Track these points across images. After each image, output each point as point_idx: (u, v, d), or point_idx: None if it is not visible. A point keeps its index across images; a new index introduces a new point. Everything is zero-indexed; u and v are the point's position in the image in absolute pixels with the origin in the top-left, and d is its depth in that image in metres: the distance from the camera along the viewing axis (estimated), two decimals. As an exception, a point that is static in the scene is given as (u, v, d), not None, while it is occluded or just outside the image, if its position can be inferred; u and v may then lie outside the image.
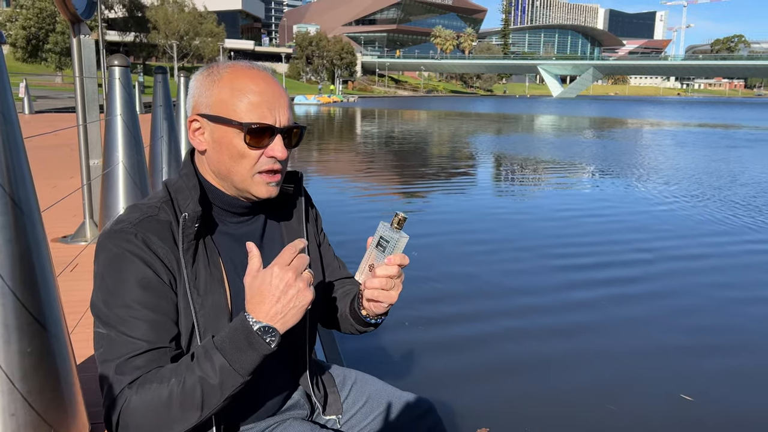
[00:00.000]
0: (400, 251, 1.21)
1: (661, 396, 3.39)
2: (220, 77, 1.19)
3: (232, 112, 1.16)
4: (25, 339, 1.55)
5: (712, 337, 4.27)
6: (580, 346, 4.05)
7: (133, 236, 1.11)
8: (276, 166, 1.20)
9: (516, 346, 4.04)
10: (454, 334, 4.19)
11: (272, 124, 1.17)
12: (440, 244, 6.57)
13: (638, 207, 8.99)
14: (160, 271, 1.12)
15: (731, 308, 4.79)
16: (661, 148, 19.27)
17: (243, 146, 1.16)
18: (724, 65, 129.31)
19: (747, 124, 35.68)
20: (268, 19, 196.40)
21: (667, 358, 3.89)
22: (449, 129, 28.34)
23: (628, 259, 6.11)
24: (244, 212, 1.27)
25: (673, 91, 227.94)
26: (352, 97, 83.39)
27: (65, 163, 8.76)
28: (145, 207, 1.18)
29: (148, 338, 1.08)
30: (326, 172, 12.62)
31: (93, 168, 4.49)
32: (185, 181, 1.21)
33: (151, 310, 1.10)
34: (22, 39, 47.48)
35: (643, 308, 4.74)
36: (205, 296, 1.15)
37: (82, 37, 4.04)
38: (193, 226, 1.15)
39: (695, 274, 5.68)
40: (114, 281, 1.10)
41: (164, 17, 69.19)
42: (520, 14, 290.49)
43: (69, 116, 20.24)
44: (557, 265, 5.85)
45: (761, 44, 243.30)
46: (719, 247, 6.70)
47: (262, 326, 1.04)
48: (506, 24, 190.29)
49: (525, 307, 4.75)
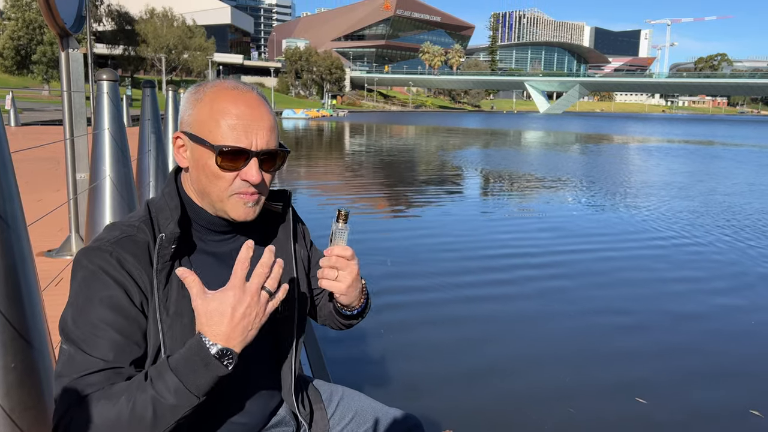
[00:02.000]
0: (343, 242, 1.29)
1: (617, 399, 3.51)
2: (203, 96, 1.19)
3: (208, 132, 1.16)
4: (9, 354, 1.52)
5: (661, 342, 4.45)
6: (538, 352, 4.21)
7: (108, 254, 1.12)
8: (250, 189, 1.18)
9: (477, 352, 4.20)
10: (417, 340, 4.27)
11: (246, 148, 1.15)
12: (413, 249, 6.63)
13: (604, 224, 9.08)
14: (131, 292, 1.12)
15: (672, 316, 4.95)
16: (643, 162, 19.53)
17: (216, 168, 1.16)
18: (708, 83, 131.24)
19: (730, 141, 36.28)
20: (257, 33, 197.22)
21: (620, 363, 4.05)
22: (437, 143, 28.49)
23: (582, 269, 6.28)
24: (226, 230, 1.26)
25: (658, 108, 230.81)
26: (341, 112, 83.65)
27: (51, 176, 8.70)
28: (124, 226, 1.18)
29: (106, 357, 1.07)
30: (317, 187, 12.62)
31: (80, 182, 4.46)
32: (167, 201, 1.21)
33: (117, 331, 1.09)
34: (10, 49, 47.28)
35: (591, 317, 4.92)
36: (174, 318, 1.15)
37: (70, 50, 4.04)
38: (169, 247, 1.15)
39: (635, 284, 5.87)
40: (84, 299, 1.10)
41: (153, 31, 69.19)
42: (508, 31, 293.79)
43: (55, 129, 20.13)
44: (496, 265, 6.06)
45: (743, 63, 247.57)
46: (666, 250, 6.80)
47: (219, 349, 1.03)
48: (494, 41, 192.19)
49: (486, 315, 4.92)
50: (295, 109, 65.63)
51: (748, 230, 8.61)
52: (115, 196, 3.92)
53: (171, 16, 72.46)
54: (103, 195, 3.95)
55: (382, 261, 6.29)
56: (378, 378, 3.71)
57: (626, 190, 12.76)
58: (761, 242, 7.83)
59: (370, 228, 8.10)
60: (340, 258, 1.29)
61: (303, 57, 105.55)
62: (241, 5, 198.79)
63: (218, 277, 1.22)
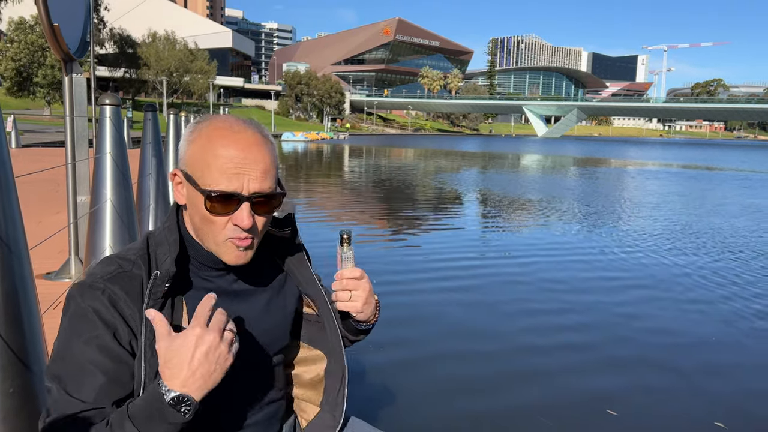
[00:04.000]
0: (350, 264, 1.33)
1: (589, 411, 3.64)
2: (199, 134, 1.16)
3: (200, 175, 1.13)
4: (8, 379, 1.52)
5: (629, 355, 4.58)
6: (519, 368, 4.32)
7: (100, 293, 1.10)
8: (242, 234, 1.15)
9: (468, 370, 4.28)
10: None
11: (236, 192, 1.12)
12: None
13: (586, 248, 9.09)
14: (120, 333, 1.10)
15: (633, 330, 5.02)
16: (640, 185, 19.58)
17: (206, 212, 1.14)
18: (705, 108, 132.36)
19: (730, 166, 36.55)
20: (258, 57, 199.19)
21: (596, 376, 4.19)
22: (438, 165, 28.63)
23: (562, 301, 6.20)
24: (224, 267, 1.24)
25: (656, 133, 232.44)
26: (342, 135, 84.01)
27: (51, 198, 8.71)
28: (120, 260, 1.16)
29: (87, 399, 1.05)
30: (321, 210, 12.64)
31: (80, 204, 4.48)
32: (167, 235, 1.20)
33: (102, 372, 1.07)
34: (12, 71, 47.71)
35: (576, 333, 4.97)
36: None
37: (74, 75, 4.08)
38: (162, 285, 1.13)
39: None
40: (72, 338, 1.09)
41: (155, 54, 69.89)
42: (506, 56, 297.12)
43: (56, 150, 20.21)
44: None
45: (740, 88, 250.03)
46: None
47: (175, 396, 0.98)
48: (492, 65, 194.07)
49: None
50: (295, 132, 65.85)
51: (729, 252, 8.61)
52: (116, 220, 3.93)
53: (173, 39, 73.28)
54: (104, 218, 3.96)
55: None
56: (390, 409, 3.67)
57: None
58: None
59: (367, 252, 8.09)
60: (350, 280, 1.31)
61: (303, 80, 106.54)
62: (243, 29, 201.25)
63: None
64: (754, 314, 5.68)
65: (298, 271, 1.39)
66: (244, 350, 1.21)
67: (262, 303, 1.31)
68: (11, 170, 1.66)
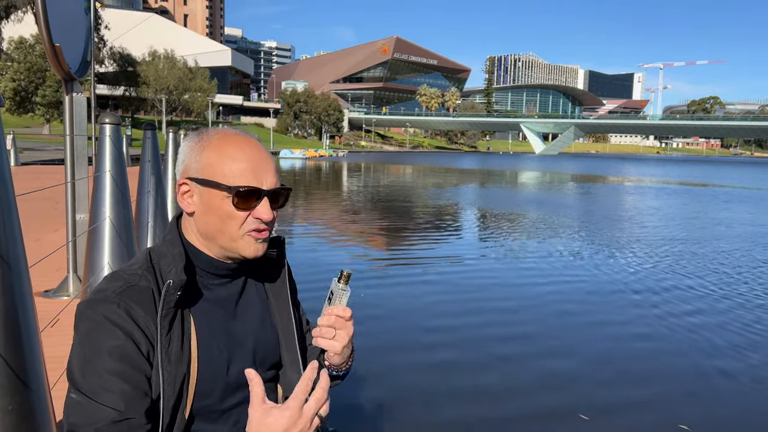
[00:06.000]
0: (343, 304, 1.31)
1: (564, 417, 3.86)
2: (209, 143, 1.25)
3: (221, 176, 1.21)
4: (7, 397, 1.52)
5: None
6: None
7: (115, 306, 1.12)
8: (261, 226, 1.24)
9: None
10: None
11: (259, 187, 1.22)
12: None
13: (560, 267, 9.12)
14: (139, 341, 1.12)
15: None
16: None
17: (231, 208, 1.20)
18: (701, 125, 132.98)
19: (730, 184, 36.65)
20: (258, 75, 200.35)
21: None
22: (437, 181, 28.71)
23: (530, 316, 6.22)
24: (226, 274, 1.29)
25: (653, 149, 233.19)
26: (341, 152, 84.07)
27: (49, 216, 8.72)
28: (126, 275, 1.19)
29: (118, 407, 1.07)
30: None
31: (79, 222, 4.49)
32: (169, 248, 1.23)
33: (126, 382, 1.09)
34: (11, 91, 47.93)
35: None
36: (175, 365, 1.16)
37: (74, 94, 4.12)
38: (175, 293, 1.16)
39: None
40: (91, 350, 1.10)
41: (154, 72, 70.24)
42: (503, 74, 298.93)
43: (55, 168, 20.24)
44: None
45: (735, 105, 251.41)
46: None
47: None
48: (489, 83, 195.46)
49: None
50: (293, 149, 66.02)
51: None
52: (114, 238, 3.94)
53: (173, 57, 73.68)
54: (103, 236, 3.97)
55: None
56: (378, 425, 3.67)
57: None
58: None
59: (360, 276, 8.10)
60: (339, 318, 1.31)
61: (301, 98, 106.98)
62: (242, 48, 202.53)
63: (217, 321, 1.25)
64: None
65: (276, 294, 1.40)
66: (241, 364, 1.23)
67: (257, 315, 1.35)
68: (12, 188, 1.68)
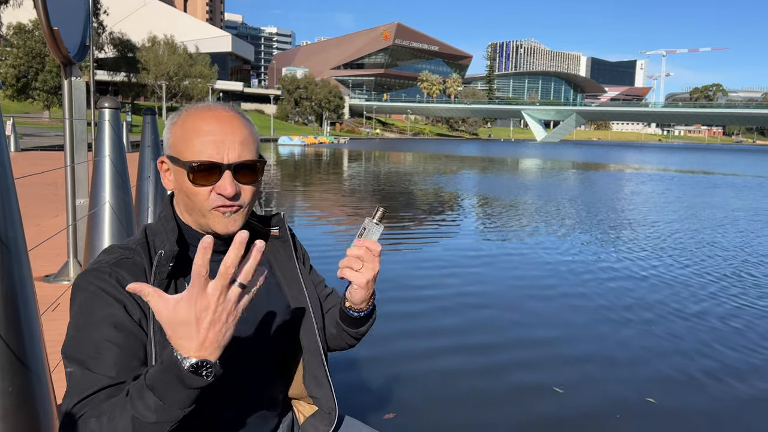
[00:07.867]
0: (374, 238, 1.30)
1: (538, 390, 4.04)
2: (179, 119, 1.25)
3: (182, 151, 1.21)
4: (7, 378, 1.54)
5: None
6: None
7: (107, 275, 1.14)
8: (227, 202, 1.20)
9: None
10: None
11: (218, 161, 1.18)
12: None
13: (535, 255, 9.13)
14: (132, 310, 1.14)
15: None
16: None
17: (190, 185, 1.19)
18: (703, 113, 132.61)
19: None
20: (258, 61, 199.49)
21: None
22: (438, 167, 28.69)
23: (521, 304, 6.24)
24: (220, 249, 1.20)
25: (654, 137, 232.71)
26: (342, 139, 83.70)
27: (50, 201, 8.72)
28: (121, 249, 1.21)
29: (110, 374, 1.08)
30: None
31: (79, 207, 4.50)
32: (163, 224, 1.25)
33: (119, 348, 1.11)
34: (12, 77, 47.78)
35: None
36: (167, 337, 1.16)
37: (73, 79, 4.11)
38: (167, 264, 1.17)
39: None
40: (85, 319, 1.12)
41: (155, 58, 69.92)
42: (505, 61, 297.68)
43: (55, 154, 20.21)
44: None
45: (738, 93, 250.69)
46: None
47: (193, 363, 0.95)
48: (491, 70, 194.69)
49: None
50: (291, 136, 65.60)
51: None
52: (114, 222, 3.95)
53: (173, 43, 73.31)
54: (102, 221, 3.98)
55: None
56: (385, 408, 3.69)
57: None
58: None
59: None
60: (368, 251, 1.27)
61: (301, 85, 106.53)
62: (242, 34, 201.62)
63: None
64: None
65: (283, 268, 1.40)
66: (242, 345, 1.22)
67: (261, 293, 1.33)
68: (11, 172, 1.68)
